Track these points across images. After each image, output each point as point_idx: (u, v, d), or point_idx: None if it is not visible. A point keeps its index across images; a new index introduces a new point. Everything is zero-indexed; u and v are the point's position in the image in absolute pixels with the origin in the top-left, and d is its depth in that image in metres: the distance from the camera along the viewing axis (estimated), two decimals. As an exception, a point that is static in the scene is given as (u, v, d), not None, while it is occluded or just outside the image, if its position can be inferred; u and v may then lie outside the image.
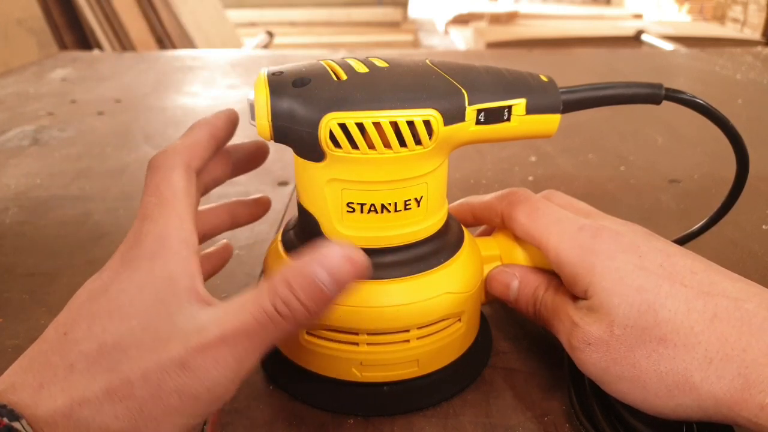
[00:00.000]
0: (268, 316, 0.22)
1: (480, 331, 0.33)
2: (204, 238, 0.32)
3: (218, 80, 0.95)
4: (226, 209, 0.33)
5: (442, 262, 0.29)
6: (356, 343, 0.28)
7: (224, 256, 0.34)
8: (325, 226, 0.28)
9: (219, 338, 0.21)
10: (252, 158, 0.33)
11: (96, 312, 0.22)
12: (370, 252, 0.28)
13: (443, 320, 0.29)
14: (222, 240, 0.35)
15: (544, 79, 0.29)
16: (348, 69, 0.26)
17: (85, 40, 1.69)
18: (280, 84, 0.25)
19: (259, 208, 0.35)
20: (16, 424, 0.19)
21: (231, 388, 0.22)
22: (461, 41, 3.70)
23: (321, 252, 0.22)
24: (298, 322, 0.22)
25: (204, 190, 0.30)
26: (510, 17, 3.73)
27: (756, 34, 3.11)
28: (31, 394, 0.20)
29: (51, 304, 0.38)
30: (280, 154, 0.64)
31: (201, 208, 0.32)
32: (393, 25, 3.90)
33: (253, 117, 0.26)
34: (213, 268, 0.34)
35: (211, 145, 0.29)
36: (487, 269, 0.32)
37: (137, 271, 0.23)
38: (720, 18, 3.66)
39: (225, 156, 0.32)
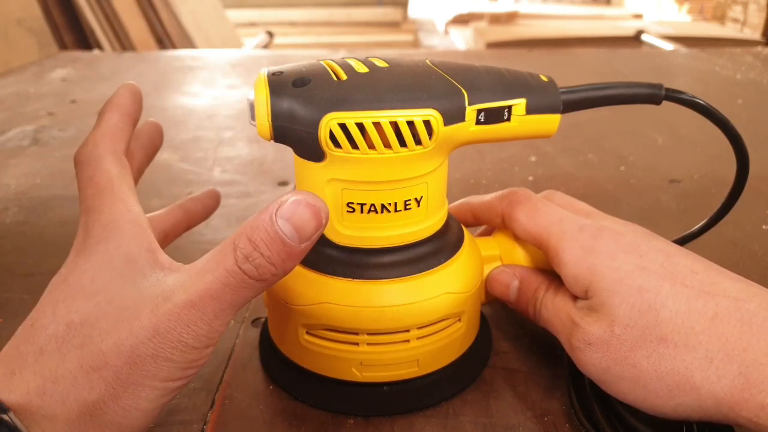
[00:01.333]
0: (232, 276, 0.21)
1: (480, 331, 0.33)
2: (164, 241, 0.32)
3: (218, 80, 0.95)
4: (178, 207, 0.33)
5: (442, 262, 0.29)
6: (356, 343, 0.28)
7: (208, 204, 0.34)
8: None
9: (187, 303, 0.21)
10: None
11: (58, 298, 0.23)
12: (370, 252, 0.28)
13: (443, 320, 0.29)
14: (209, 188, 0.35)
15: (544, 79, 0.29)
16: (348, 69, 0.26)
17: (85, 40, 1.69)
18: (280, 84, 0.25)
19: (210, 200, 0.35)
20: (4, 416, 0.19)
21: (205, 352, 0.22)
22: (461, 41, 3.70)
23: (276, 202, 0.22)
24: (266, 278, 0.22)
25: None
26: (510, 17, 3.73)
27: (756, 34, 3.11)
28: (4, 382, 0.21)
29: (51, 304, 0.38)
30: (280, 154, 0.64)
31: (152, 214, 0.32)
32: (393, 25, 3.90)
33: (253, 117, 0.26)
34: (195, 216, 0.34)
35: (126, 124, 0.28)
36: (487, 269, 0.32)
37: (93, 255, 0.23)
38: (720, 18, 3.66)
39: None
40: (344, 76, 0.25)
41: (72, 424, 0.21)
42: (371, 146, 0.25)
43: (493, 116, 0.27)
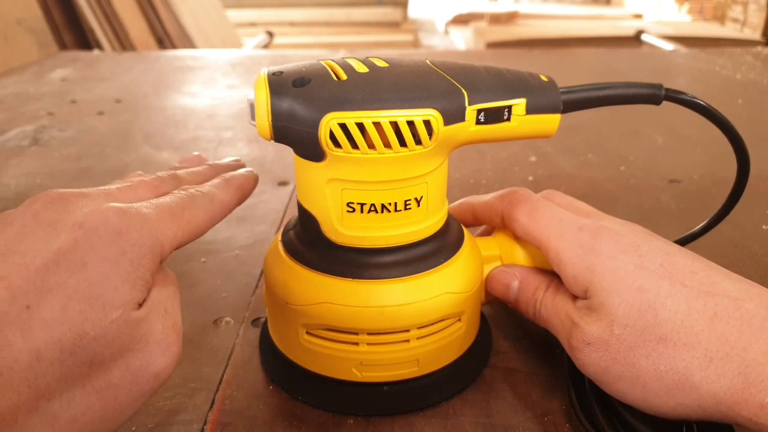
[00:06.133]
0: None
1: (480, 331, 0.33)
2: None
3: (218, 80, 0.95)
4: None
5: (442, 262, 0.29)
6: (356, 343, 0.28)
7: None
8: (325, 226, 0.28)
9: None
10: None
11: (69, 290, 0.20)
12: (370, 252, 0.28)
13: (443, 320, 0.29)
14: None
15: (544, 79, 0.29)
16: (348, 69, 0.26)
17: (85, 40, 1.68)
18: (280, 84, 0.25)
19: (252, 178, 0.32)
20: None
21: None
22: (461, 41, 3.70)
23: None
24: None
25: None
26: (510, 17, 3.73)
27: (756, 34, 3.11)
28: None
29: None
30: (280, 154, 0.64)
31: None
32: (393, 25, 3.90)
33: (253, 117, 0.26)
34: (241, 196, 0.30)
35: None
36: (487, 269, 0.32)
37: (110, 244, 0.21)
38: (720, 18, 3.66)
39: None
40: (344, 76, 0.25)
41: None
42: (371, 146, 0.25)
43: (493, 116, 0.27)
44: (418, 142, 0.25)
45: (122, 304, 0.21)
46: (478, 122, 0.27)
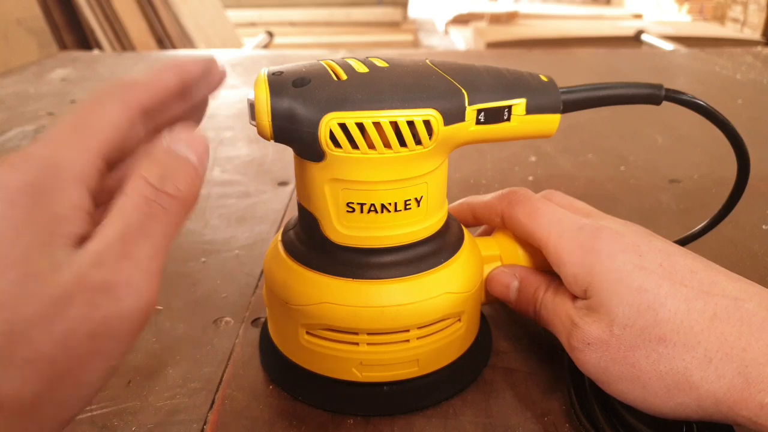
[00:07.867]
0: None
1: (480, 331, 0.33)
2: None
3: (218, 80, 0.95)
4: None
5: (442, 262, 0.29)
6: (356, 343, 0.28)
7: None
8: (325, 226, 0.28)
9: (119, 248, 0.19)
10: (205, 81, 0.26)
11: None
12: (370, 252, 0.28)
13: (443, 320, 0.29)
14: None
15: (544, 79, 0.29)
16: (348, 69, 0.26)
17: (85, 40, 1.69)
18: (280, 84, 0.25)
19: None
20: None
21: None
22: (461, 41, 3.70)
23: (184, 136, 0.21)
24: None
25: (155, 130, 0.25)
26: (510, 17, 3.73)
27: (756, 34, 3.11)
28: None
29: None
30: (281, 154, 0.64)
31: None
32: (393, 25, 3.90)
33: (253, 117, 0.26)
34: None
35: (174, 93, 0.24)
36: (487, 269, 0.32)
37: (17, 207, 0.19)
38: (720, 18, 3.66)
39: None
40: (344, 76, 0.25)
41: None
42: (371, 146, 0.25)
43: (493, 116, 0.27)
44: (418, 142, 0.25)
45: (50, 265, 0.18)
46: (478, 122, 0.27)
